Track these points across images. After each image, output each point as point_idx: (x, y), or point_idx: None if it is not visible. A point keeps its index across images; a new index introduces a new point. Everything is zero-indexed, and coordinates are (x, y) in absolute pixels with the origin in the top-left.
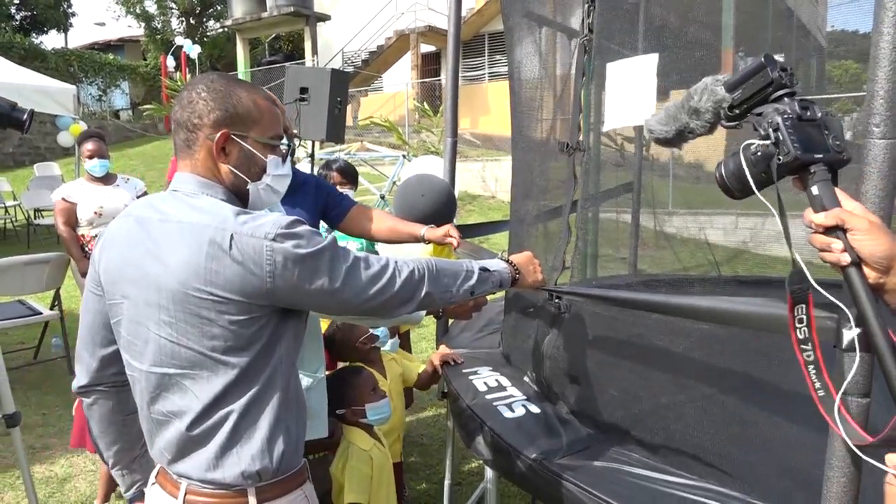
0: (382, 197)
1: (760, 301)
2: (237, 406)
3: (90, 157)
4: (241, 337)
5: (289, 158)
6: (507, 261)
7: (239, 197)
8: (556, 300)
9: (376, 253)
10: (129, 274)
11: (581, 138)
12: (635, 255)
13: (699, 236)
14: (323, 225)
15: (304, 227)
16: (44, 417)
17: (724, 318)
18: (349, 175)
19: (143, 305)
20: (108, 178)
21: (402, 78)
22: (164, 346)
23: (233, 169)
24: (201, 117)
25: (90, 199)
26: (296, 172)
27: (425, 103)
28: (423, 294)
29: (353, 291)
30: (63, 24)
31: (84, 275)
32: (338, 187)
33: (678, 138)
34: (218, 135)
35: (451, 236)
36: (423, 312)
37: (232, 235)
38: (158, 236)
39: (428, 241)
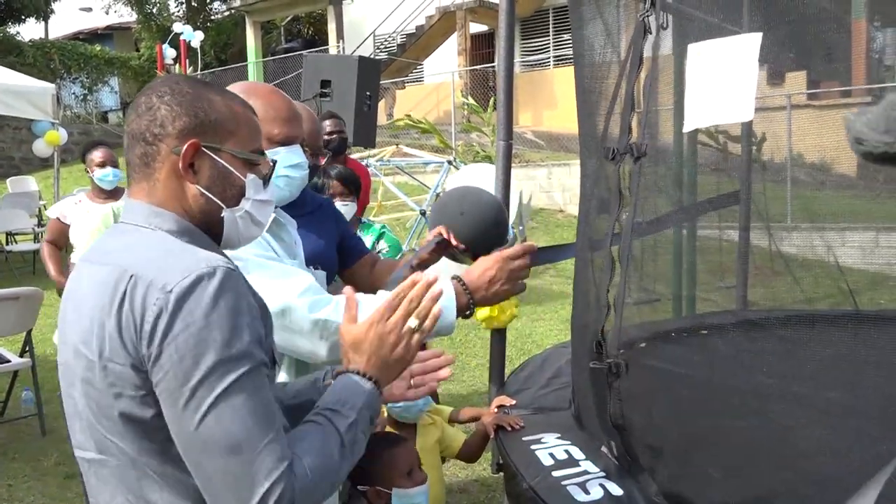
0: (423, 213)
1: None
2: None
3: (101, 166)
4: (142, 424)
5: (271, 181)
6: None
7: (210, 230)
8: (605, 358)
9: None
10: (62, 332)
11: (634, 140)
12: (745, 283)
13: (827, 258)
14: None
15: (236, 288)
16: (9, 490)
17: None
18: (351, 184)
19: (69, 372)
20: (116, 193)
21: (447, 65)
22: (84, 423)
23: (203, 191)
24: (164, 126)
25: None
26: (311, 194)
27: (470, 97)
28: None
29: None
30: (43, 12)
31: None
32: (338, 200)
33: None
34: (185, 146)
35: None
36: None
37: (132, 277)
38: (84, 284)
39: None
